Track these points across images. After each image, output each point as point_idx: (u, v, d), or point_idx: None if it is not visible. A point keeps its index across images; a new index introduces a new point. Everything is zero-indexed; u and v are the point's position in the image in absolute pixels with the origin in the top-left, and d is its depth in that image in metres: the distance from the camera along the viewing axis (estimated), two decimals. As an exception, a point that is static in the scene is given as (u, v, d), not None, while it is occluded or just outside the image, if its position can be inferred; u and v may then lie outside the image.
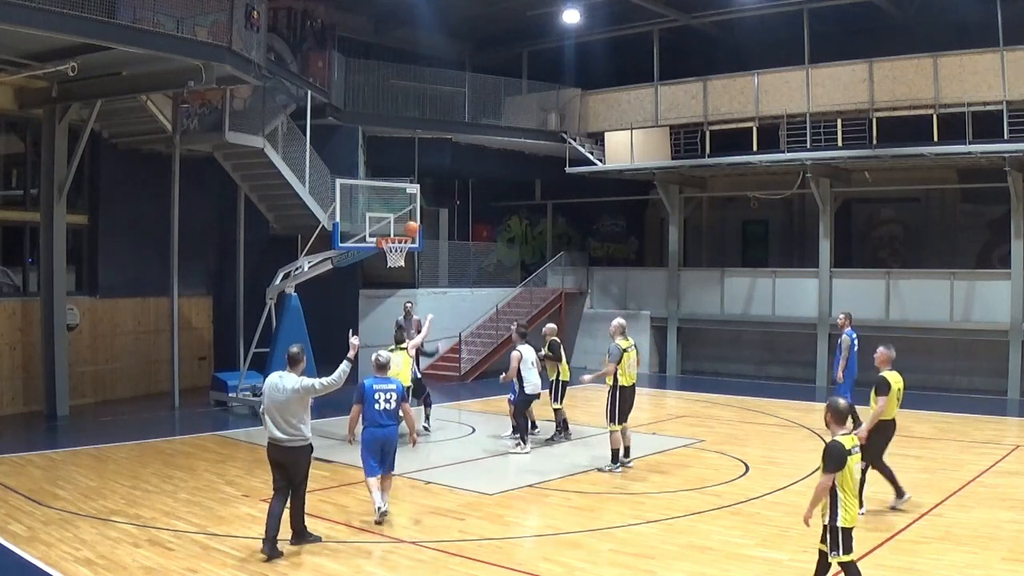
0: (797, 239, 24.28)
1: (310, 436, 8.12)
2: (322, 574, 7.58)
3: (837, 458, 6.32)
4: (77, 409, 15.69)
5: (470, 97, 22.25)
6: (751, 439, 13.85)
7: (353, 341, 8.36)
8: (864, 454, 9.26)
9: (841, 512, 6.32)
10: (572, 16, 21.64)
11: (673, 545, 8.40)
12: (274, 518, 7.88)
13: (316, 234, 16.04)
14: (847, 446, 6.38)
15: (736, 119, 20.19)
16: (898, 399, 9.37)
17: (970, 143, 17.00)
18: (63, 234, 15.41)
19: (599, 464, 11.64)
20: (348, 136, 20.86)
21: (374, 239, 15.11)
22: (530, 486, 10.76)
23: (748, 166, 20.84)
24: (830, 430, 6.58)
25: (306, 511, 8.36)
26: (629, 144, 21.26)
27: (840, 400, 6.71)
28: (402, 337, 13.18)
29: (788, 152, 19.36)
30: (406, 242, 15.39)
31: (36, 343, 15.70)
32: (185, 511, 9.39)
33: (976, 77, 17.15)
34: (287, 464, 8.02)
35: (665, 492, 10.50)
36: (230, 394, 16.21)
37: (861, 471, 9.25)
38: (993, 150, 17.04)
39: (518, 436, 12.84)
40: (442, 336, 19.49)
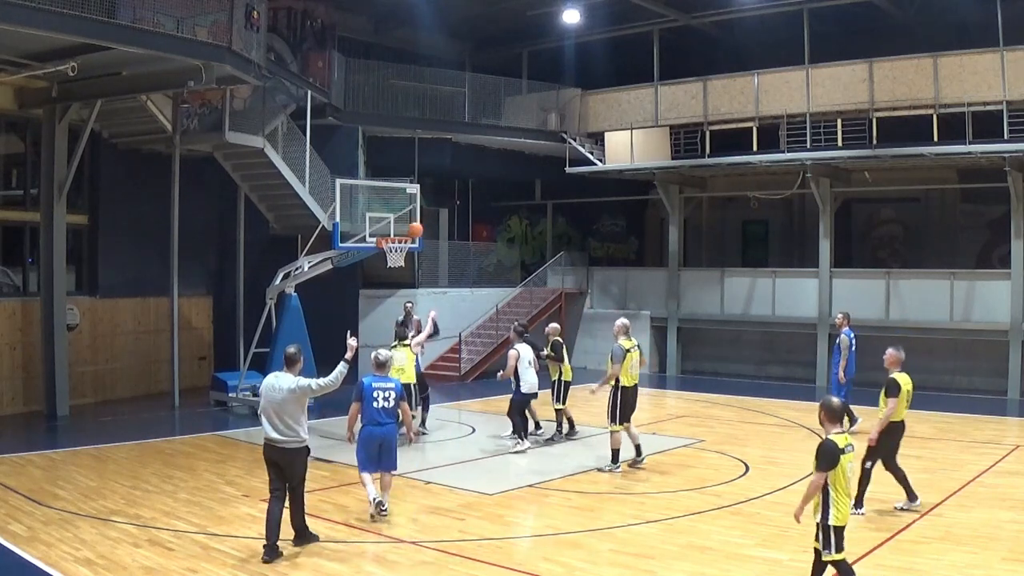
0: (797, 239, 24.28)
1: (307, 437, 8.09)
2: (322, 574, 7.58)
3: (830, 457, 6.35)
4: (77, 409, 15.69)
5: (470, 97, 22.25)
6: (751, 439, 13.85)
7: (351, 342, 8.36)
8: (874, 455, 9.30)
9: (833, 511, 6.35)
10: (572, 16, 21.65)
11: (673, 545, 8.41)
12: (273, 523, 7.86)
13: (316, 234, 16.05)
14: (840, 445, 6.41)
15: (736, 119, 20.19)
16: (907, 400, 9.38)
17: (970, 143, 17.00)
18: (63, 234, 15.41)
19: (600, 464, 11.65)
20: (348, 136, 20.87)
21: (374, 239, 15.11)
22: (530, 486, 10.77)
23: (748, 166, 20.84)
24: (824, 429, 6.61)
25: (306, 511, 8.33)
26: (629, 144, 21.26)
27: (834, 399, 6.74)
28: (405, 334, 13.18)
29: (788, 152, 19.36)
30: (407, 242, 15.39)
31: (36, 343, 15.70)
32: (185, 511, 9.39)
33: (976, 77, 17.15)
34: (283, 465, 8.00)
35: (665, 492, 10.50)
36: (230, 394, 16.22)
37: (867, 471, 9.28)
38: (993, 150, 17.04)
39: (515, 436, 12.86)
40: (443, 336, 19.48)
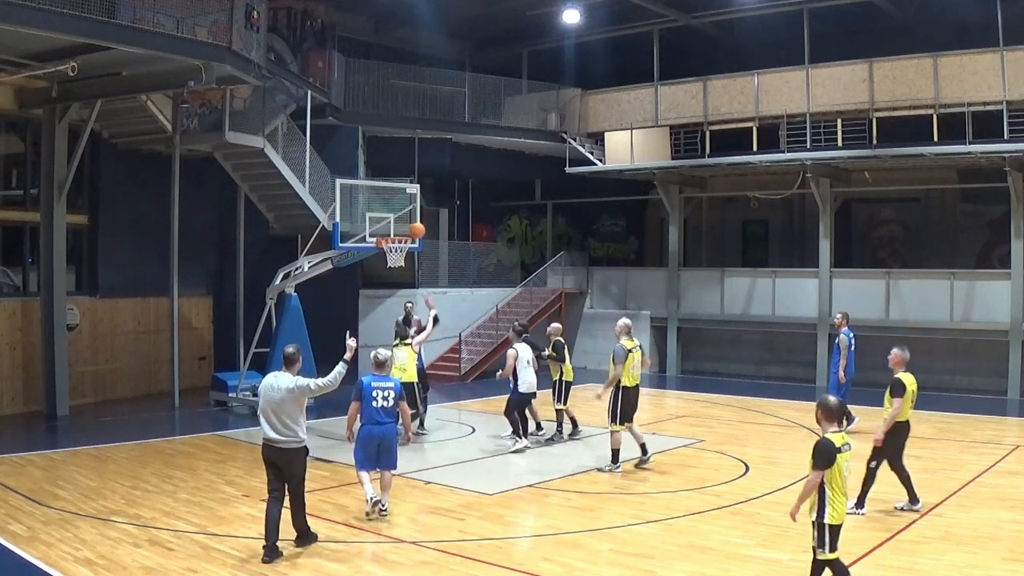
0: (797, 239, 24.28)
1: (305, 437, 8.06)
2: (322, 574, 7.58)
3: (827, 455, 6.36)
4: (77, 409, 15.69)
5: (470, 97, 22.25)
6: (751, 439, 13.85)
7: (350, 343, 8.34)
8: (879, 456, 9.29)
9: (829, 509, 6.37)
10: (572, 16, 21.65)
11: (673, 545, 8.41)
12: (273, 524, 7.84)
13: (316, 234, 16.05)
14: (837, 444, 6.42)
15: (736, 119, 20.19)
16: (912, 401, 9.37)
17: (970, 143, 17.00)
18: (63, 234, 15.41)
19: (600, 464, 11.64)
20: (348, 136, 20.87)
21: (374, 239, 15.11)
22: (530, 486, 10.77)
23: (748, 166, 20.83)
24: (821, 428, 6.62)
25: (307, 512, 8.31)
26: (629, 144, 21.26)
27: (831, 398, 6.75)
28: (406, 332, 13.20)
29: (788, 152, 19.36)
30: (407, 242, 15.39)
31: (36, 343, 15.70)
32: (185, 511, 9.39)
33: (976, 77, 17.15)
34: (281, 465, 7.98)
35: (665, 492, 10.50)
36: (230, 394, 16.22)
37: (872, 471, 9.28)
38: (993, 150, 17.04)
39: (515, 434, 12.87)
40: (442, 336, 19.49)
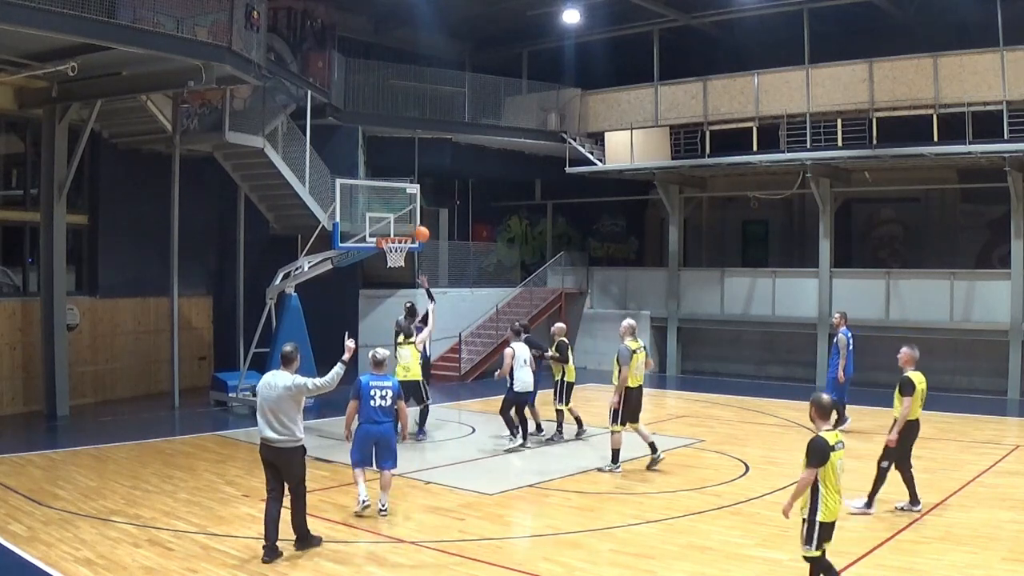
0: (797, 239, 24.28)
1: (303, 437, 8.02)
2: (322, 574, 7.58)
3: (820, 453, 6.37)
4: (77, 409, 15.69)
5: (470, 97, 22.25)
6: (751, 439, 13.85)
7: (349, 344, 8.32)
8: (890, 455, 9.27)
9: (821, 507, 6.39)
10: (572, 16, 21.65)
11: (673, 545, 8.41)
12: (272, 523, 7.83)
13: (316, 234, 16.06)
14: (831, 442, 6.43)
15: (736, 119, 20.19)
16: (922, 400, 9.36)
17: (970, 143, 17.00)
18: (63, 234, 15.41)
19: (601, 464, 11.64)
20: (348, 136, 20.87)
21: (374, 239, 15.11)
22: (530, 486, 10.76)
23: (748, 166, 20.84)
24: (815, 425, 6.63)
25: (307, 513, 8.27)
26: (629, 144, 21.26)
27: (823, 395, 6.77)
28: (410, 330, 13.20)
29: (788, 152, 19.36)
30: (407, 242, 15.40)
31: (36, 343, 15.70)
32: (185, 511, 9.39)
33: (976, 77, 17.15)
34: (279, 465, 7.94)
35: (665, 492, 10.50)
36: (230, 394, 16.22)
37: (883, 470, 9.26)
38: (993, 150, 17.04)
39: (520, 439, 12.88)
40: (442, 336, 19.49)
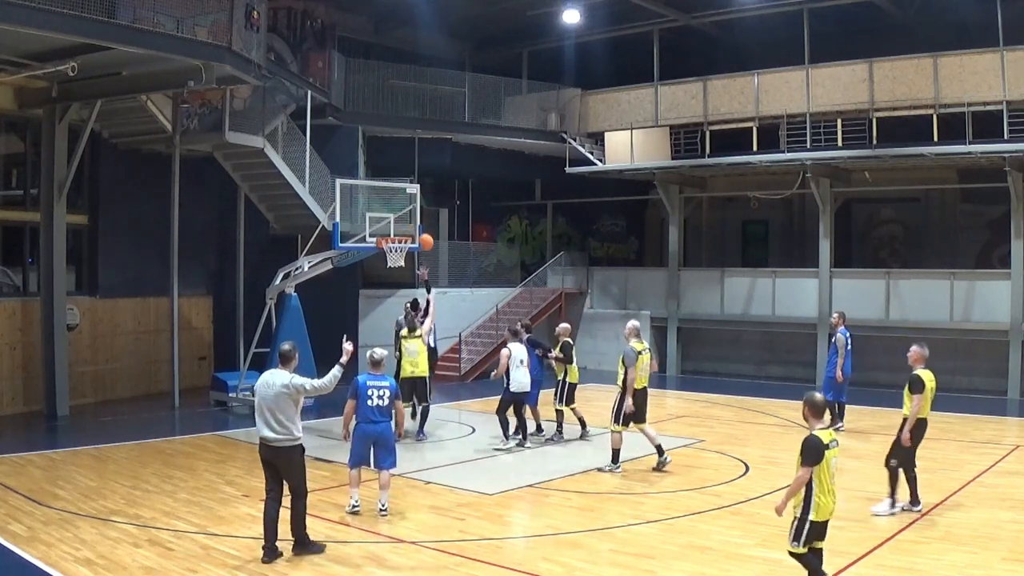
0: (797, 239, 24.28)
1: (300, 436, 7.97)
2: (322, 574, 7.58)
3: (815, 452, 6.39)
4: (77, 409, 15.69)
5: (470, 97, 22.25)
6: (751, 439, 13.86)
7: (346, 347, 8.28)
8: (898, 454, 9.23)
9: (814, 506, 6.41)
10: (572, 16, 21.65)
11: (673, 545, 8.41)
12: (271, 523, 7.82)
13: (316, 234, 16.06)
14: (825, 440, 6.44)
15: (736, 119, 20.19)
16: (931, 398, 9.34)
17: (970, 143, 17.01)
18: (63, 234, 15.41)
19: (600, 464, 11.64)
20: (348, 136, 20.87)
21: (374, 239, 15.12)
22: (530, 486, 10.76)
23: (748, 166, 20.83)
24: (808, 424, 6.63)
25: (307, 515, 8.20)
26: (629, 144, 21.26)
27: (816, 394, 6.78)
28: (414, 324, 13.25)
29: (788, 152, 19.36)
30: (407, 242, 15.40)
31: (36, 343, 15.70)
32: (185, 511, 9.39)
33: (976, 77, 17.15)
34: (278, 465, 7.91)
35: (665, 492, 10.50)
36: (230, 394, 16.21)
37: (894, 469, 9.24)
38: (993, 150, 17.04)
39: (518, 436, 12.88)
40: (444, 336, 19.49)
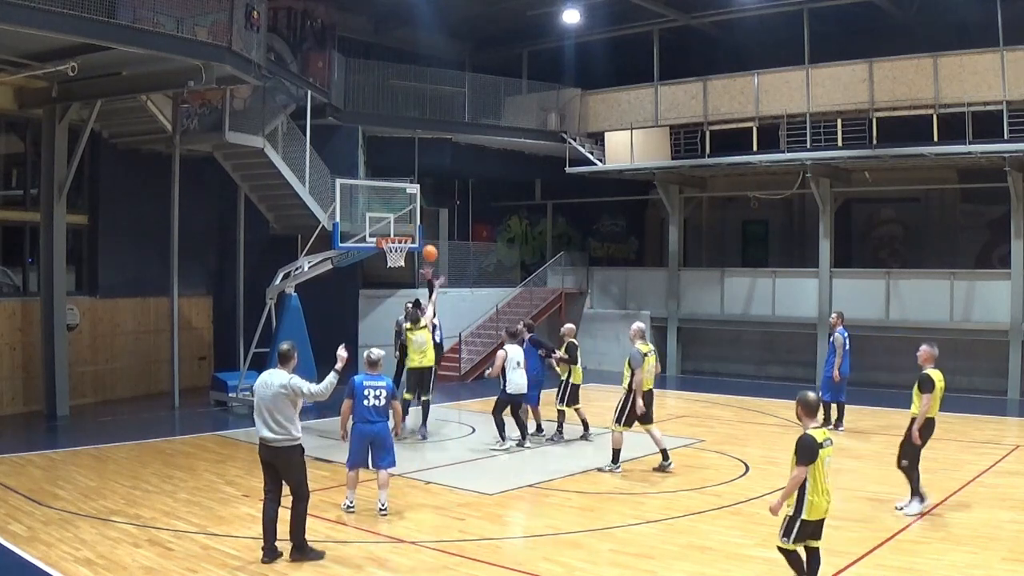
0: (797, 239, 24.28)
1: (299, 436, 7.91)
2: (322, 574, 7.58)
3: (809, 451, 6.41)
4: (77, 409, 15.69)
5: (470, 97, 22.26)
6: (751, 439, 13.85)
7: (341, 353, 8.20)
8: (908, 454, 9.24)
9: (807, 505, 6.42)
10: (572, 16, 21.66)
11: (673, 545, 8.41)
12: (270, 523, 7.80)
13: (316, 234, 16.06)
14: (819, 439, 6.44)
15: (736, 119, 20.20)
16: (940, 398, 9.33)
17: (970, 143, 17.01)
18: (63, 234, 15.41)
19: (600, 464, 11.64)
20: (348, 136, 20.88)
21: (374, 239, 15.12)
22: (530, 486, 10.76)
23: (748, 166, 20.83)
24: (802, 423, 6.64)
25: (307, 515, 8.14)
26: (629, 144, 21.26)
27: (810, 394, 6.78)
28: (417, 316, 13.37)
29: (788, 152, 19.37)
30: (406, 242, 15.41)
31: (36, 343, 15.70)
32: (185, 511, 9.39)
33: (976, 77, 17.15)
34: (278, 465, 7.87)
35: (665, 492, 10.50)
36: (230, 394, 16.21)
37: (906, 469, 9.23)
38: (993, 150, 17.04)
39: (518, 436, 12.88)
40: (444, 336, 19.47)
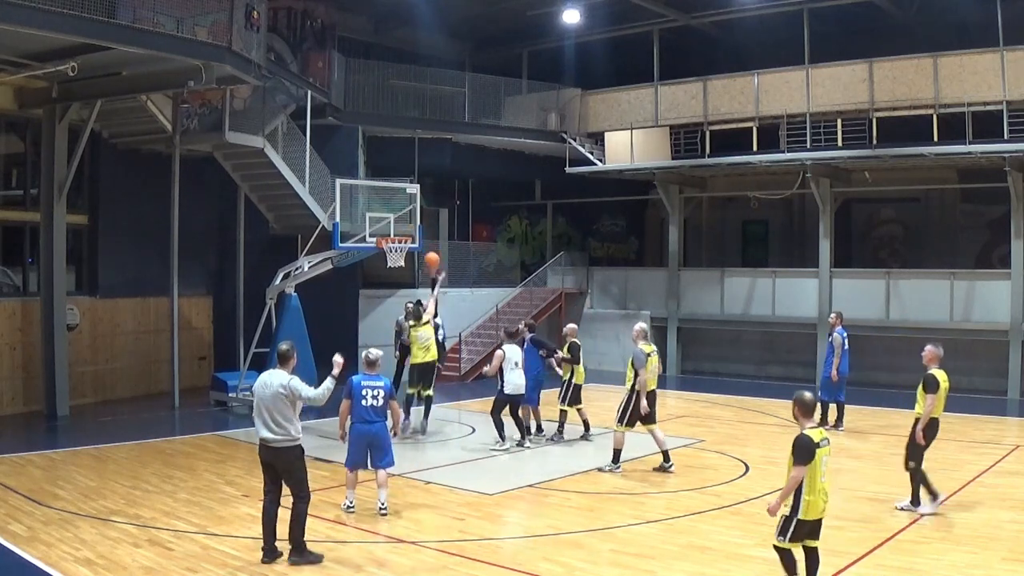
0: (797, 239, 24.28)
1: (299, 436, 7.88)
2: (322, 574, 7.58)
3: (806, 451, 6.41)
4: (77, 409, 15.69)
5: (470, 97, 22.26)
6: (751, 439, 13.85)
7: (337, 359, 8.17)
8: (915, 454, 9.23)
9: (803, 505, 6.42)
10: (572, 16, 21.65)
11: (673, 545, 8.41)
12: (270, 523, 7.80)
13: (316, 234, 16.06)
14: (816, 439, 6.44)
15: (736, 119, 20.19)
16: (944, 398, 9.33)
17: (970, 143, 17.00)
18: (63, 234, 15.40)
19: (600, 464, 11.64)
20: (348, 136, 20.87)
21: (374, 239, 15.12)
22: (530, 486, 10.77)
23: (748, 166, 20.83)
24: (798, 423, 6.63)
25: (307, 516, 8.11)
26: (629, 144, 21.26)
27: (806, 393, 6.78)
28: (419, 312, 13.46)
29: (788, 152, 19.36)
30: (406, 242, 15.41)
31: (36, 343, 15.70)
32: (185, 511, 9.39)
33: (976, 77, 17.15)
34: (278, 466, 7.84)
35: (665, 492, 10.51)
36: (230, 394, 16.20)
37: (915, 470, 9.22)
38: (993, 150, 17.04)
39: (517, 437, 12.88)
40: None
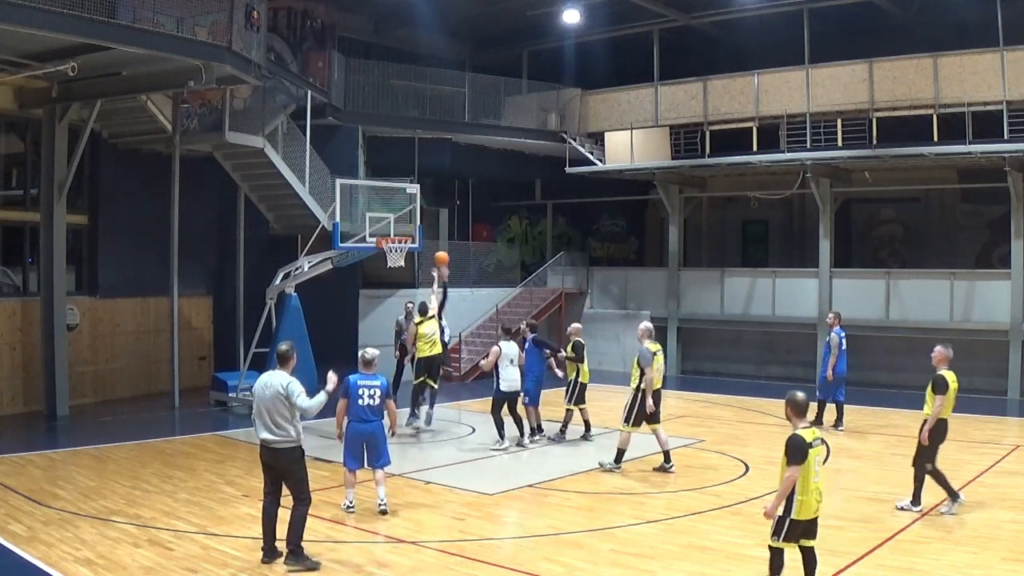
0: (797, 239, 24.28)
1: (298, 437, 7.84)
2: (322, 574, 7.58)
3: (799, 451, 6.41)
4: (77, 409, 15.69)
5: (470, 97, 22.26)
6: (751, 439, 13.85)
7: (331, 376, 8.13)
8: (923, 455, 9.22)
9: (796, 505, 6.43)
10: (572, 16, 21.66)
11: (673, 545, 8.41)
12: (270, 523, 7.79)
13: (316, 234, 16.06)
14: (808, 439, 6.44)
15: (736, 119, 20.19)
16: (953, 399, 9.33)
17: (970, 143, 17.00)
18: (63, 234, 15.40)
19: (601, 462, 11.65)
20: (348, 136, 20.88)
21: (374, 239, 15.12)
22: (530, 486, 10.77)
23: (748, 166, 20.83)
24: (792, 424, 6.62)
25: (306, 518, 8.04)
26: (629, 144, 21.26)
27: (798, 393, 6.75)
28: (426, 308, 13.53)
29: (788, 152, 19.36)
30: (407, 242, 15.41)
31: (36, 343, 15.69)
32: (185, 511, 9.39)
33: (976, 77, 17.15)
34: (278, 467, 7.82)
35: (665, 492, 10.51)
36: (230, 394, 16.20)
37: (929, 472, 9.21)
38: (993, 150, 17.04)
39: (516, 436, 12.89)
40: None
